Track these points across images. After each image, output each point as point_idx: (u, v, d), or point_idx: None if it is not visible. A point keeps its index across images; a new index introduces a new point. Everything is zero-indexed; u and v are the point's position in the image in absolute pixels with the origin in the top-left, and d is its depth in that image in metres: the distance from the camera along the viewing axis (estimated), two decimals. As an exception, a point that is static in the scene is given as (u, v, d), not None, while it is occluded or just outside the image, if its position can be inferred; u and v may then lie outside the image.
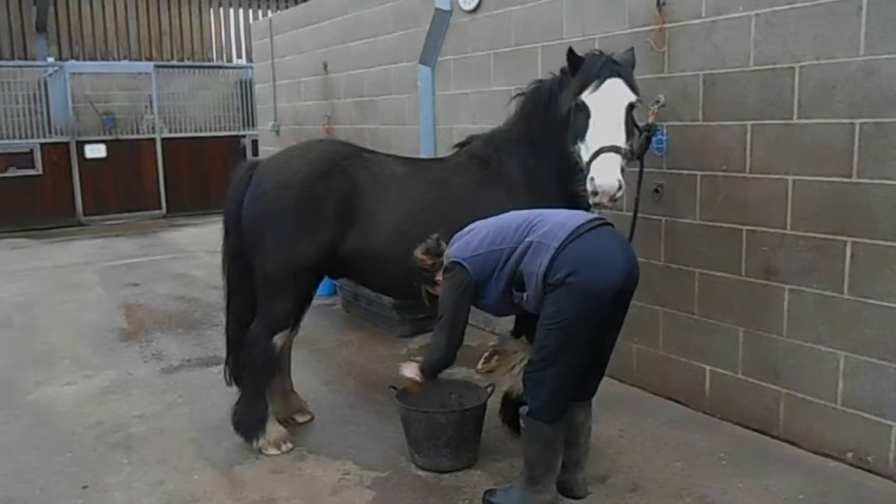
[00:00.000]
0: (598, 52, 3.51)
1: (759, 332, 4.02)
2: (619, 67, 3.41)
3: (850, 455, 3.68)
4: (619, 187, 3.24)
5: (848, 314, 3.62)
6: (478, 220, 3.60)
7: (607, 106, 3.32)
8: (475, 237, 3.32)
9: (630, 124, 3.40)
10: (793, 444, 3.89)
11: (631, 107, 3.38)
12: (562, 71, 3.61)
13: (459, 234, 3.42)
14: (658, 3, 4.25)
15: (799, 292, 3.81)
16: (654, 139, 4.23)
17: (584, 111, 3.34)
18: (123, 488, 3.65)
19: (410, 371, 3.46)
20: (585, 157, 3.33)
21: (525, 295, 3.18)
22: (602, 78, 3.33)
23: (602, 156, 3.25)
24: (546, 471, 3.26)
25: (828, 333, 3.72)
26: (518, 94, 3.79)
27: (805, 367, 3.83)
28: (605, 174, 3.23)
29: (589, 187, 3.26)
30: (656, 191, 4.38)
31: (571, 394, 3.24)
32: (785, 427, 3.94)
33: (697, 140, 4.17)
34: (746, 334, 4.08)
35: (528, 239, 3.15)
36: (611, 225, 3.23)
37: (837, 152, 3.59)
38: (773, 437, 3.98)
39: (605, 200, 3.28)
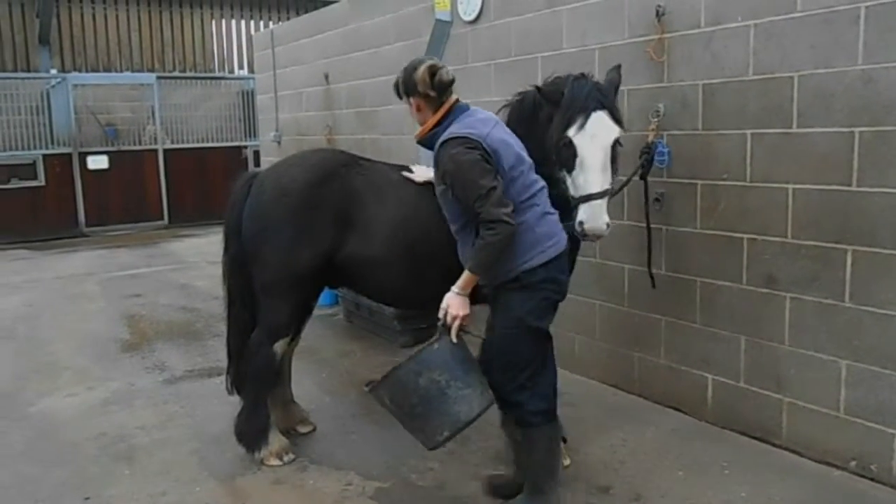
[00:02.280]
0: (580, 77, 3.41)
1: (760, 340, 4.02)
2: (603, 97, 3.35)
3: (853, 464, 3.67)
4: (607, 227, 3.30)
5: (849, 322, 3.62)
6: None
7: (594, 146, 3.29)
8: (489, 132, 3.10)
9: (615, 157, 3.39)
10: (795, 452, 3.89)
11: (616, 141, 3.36)
12: (537, 88, 3.54)
13: (484, 116, 3.22)
14: (657, 13, 4.27)
15: (800, 301, 3.81)
16: (655, 154, 4.25)
17: (570, 148, 3.30)
18: (125, 500, 3.65)
19: (457, 306, 3.06)
20: (573, 192, 3.34)
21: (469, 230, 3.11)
22: (587, 112, 3.28)
23: (593, 202, 3.27)
24: (548, 477, 3.24)
25: (829, 342, 3.72)
26: (504, 106, 3.80)
27: (807, 375, 3.82)
28: (595, 220, 3.28)
29: (578, 229, 3.30)
30: (657, 200, 4.39)
31: (556, 391, 3.27)
32: (787, 436, 3.94)
33: (697, 149, 4.19)
34: (748, 343, 4.08)
35: (520, 217, 3.01)
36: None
37: (837, 161, 3.60)
38: (775, 445, 3.98)
39: (594, 241, 3.41)
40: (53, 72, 14.12)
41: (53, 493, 3.74)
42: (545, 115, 3.49)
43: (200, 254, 10.38)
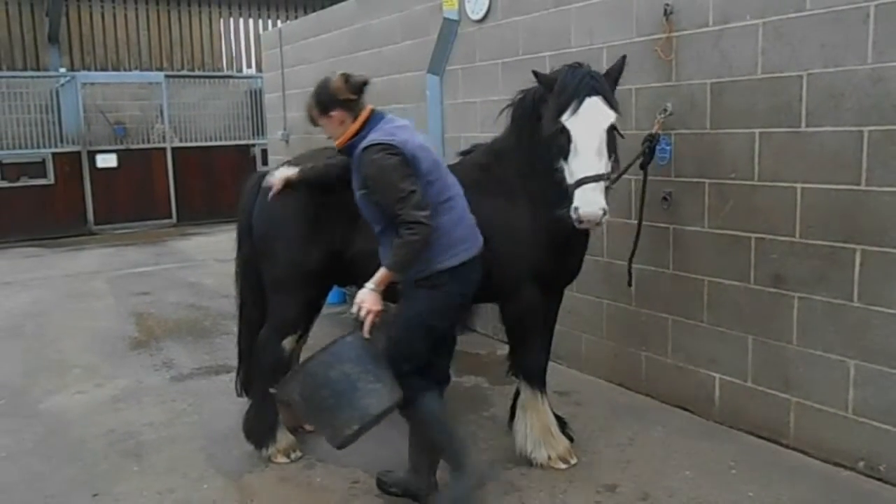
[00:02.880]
0: (575, 65, 3.45)
1: (768, 340, 4.01)
2: (597, 83, 3.35)
3: (861, 464, 3.66)
4: (604, 213, 3.28)
5: (858, 322, 3.61)
6: (480, 225, 3.65)
7: (588, 130, 3.29)
8: (409, 139, 3.22)
9: (612, 143, 3.39)
10: (803, 452, 3.88)
11: (612, 127, 3.36)
12: (535, 73, 3.58)
13: (401, 123, 3.35)
14: (665, 12, 4.26)
15: (808, 300, 3.80)
16: (657, 149, 4.24)
17: (564, 134, 3.31)
18: (134, 496, 3.67)
19: (371, 301, 3.12)
20: (569, 180, 3.34)
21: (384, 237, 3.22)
22: (580, 97, 3.29)
23: (585, 186, 3.26)
24: (457, 444, 3.37)
25: (838, 341, 3.70)
26: (508, 105, 3.81)
27: (815, 375, 3.81)
28: (589, 205, 3.25)
29: (573, 215, 3.29)
30: (664, 199, 4.38)
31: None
32: (795, 435, 3.93)
33: (705, 148, 4.18)
34: (756, 342, 4.07)
35: (437, 220, 3.12)
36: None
37: (846, 160, 3.58)
38: (783, 445, 3.97)
39: (590, 227, 3.36)
40: (63, 70, 14.20)
41: (62, 489, 3.76)
42: (545, 110, 3.49)
43: (208, 252, 10.42)
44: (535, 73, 3.51)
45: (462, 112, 6.12)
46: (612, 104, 3.36)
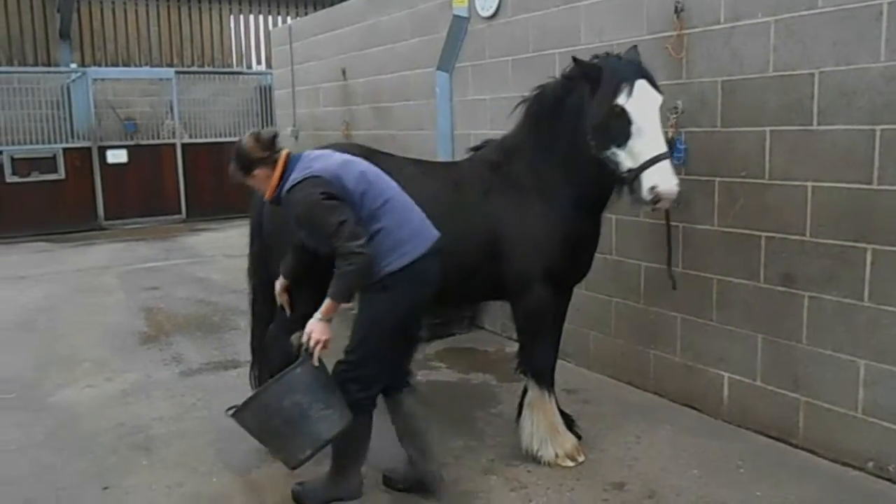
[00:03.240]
0: (607, 55, 3.49)
1: (778, 339, 3.99)
2: (641, 67, 3.39)
3: (870, 464, 3.64)
4: (678, 188, 3.27)
5: (868, 322, 3.59)
6: (487, 225, 3.65)
7: (646, 110, 3.29)
8: (331, 164, 3.28)
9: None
10: (812, 452, 3.86)
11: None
12: (564, 76, 3.58)
13: (304, 154, 3.39)
14: (676, 10, 4.24)
15: (818, 299, 3.78)
16: (673, 151, 4.22)
17: (623, 117, 3.28)
18: (143, 490, 3.69)
19: (320, 331, 3.19)
20: (631, 164, 3.30)
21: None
22: (631, 80, 3.30)
23: (660, 163, 3.24)
24: (356, 458, 3.43)
25: (848, 341, 3.69)
26: (523, 101, 3.80)
27: (825, 374, 3.80)
28: (668, 181, 3.24)
29: (648, 195, 3.25)
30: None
31: (380, 388, 3.41)
32: (804, 435, 3.91)
33: (716, 146, 4.16)
34: (765, 341, 4.06)
35: (382, 224, 3.20)
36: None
37: (858, 159, 3.56)
38: (791, 445, 3.95)
39: (667, 206, 3.33)
40: (73, 66, 14.26)
41: (72, 482, 3.79)
42: (574, 101, 3.49)
43: (217, 247, 10.45)
44: (576, 60, 3.45)
45: (472, 109, 6.12)
46: (657, 87, 3.38)
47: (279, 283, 3.72)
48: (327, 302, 3.20)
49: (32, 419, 4.58)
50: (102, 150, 12.47)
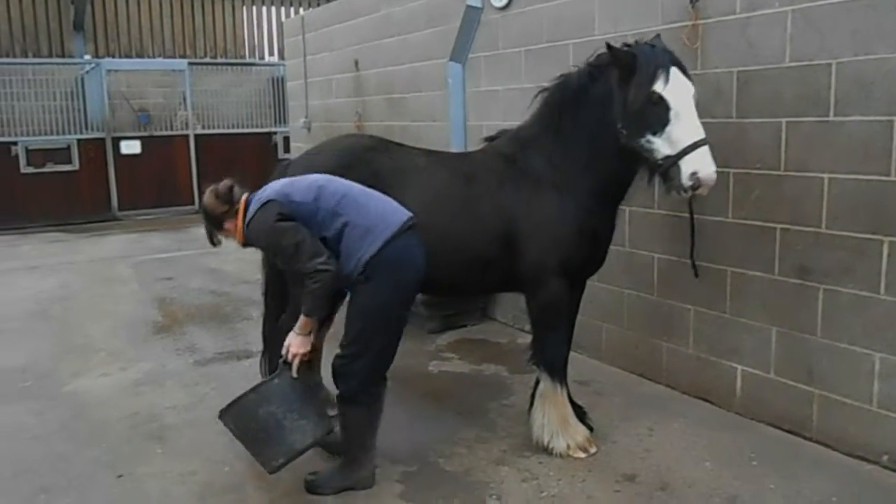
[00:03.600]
0: (636, 42, 3.46)
1: (792, 331, 3.97)
2: (673, 56, 3.37)
3: (885, 458, 3.62)
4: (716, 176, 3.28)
5: (884, 314, 3.56)
6: (501, 217, 3.63)
7: (684, 97, 3.28)
8: (284, 186, 3.40)
9: None
10: (826, 445, 3.84)
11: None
12: (590, 64, 3.56)
13: (267, 186, 3.51)
14: (691, 0, 4.21)
15: (834, 292, 3.75)
16: None
17: (661, 104, 3.26)
18: (157, 478, 3.72)
19: (297, 344, 3.30)
20: (668, 150, 3.28)
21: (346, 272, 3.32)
22: (667, 67, 3.28)
23: (700, 149, 3.23)
24: (363, 449, 3.48)
25: (863, 334, 3.66)
26: (542, 90, 3.77)
27: (839, 367, 3.77)
28: (708, 166, 3.24)
29: (689, 182, 3.23)
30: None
31: (385, 376, 3.48)
32: (818, 428, 3.89)
33: (731, 137, 4.12)
34: (779, 334, 4.03)
35: (346, 213, 3.28)
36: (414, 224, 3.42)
37: (875, 150, 3.53)
38: (805, 438, 3.93)
39: (705, 192, 3.32)
40: (87, 57, 14.33)
41: (87, 469, 3.82)
42: (600, 89, 3.46)
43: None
44: (609, 47, 3.41)
45: (485, 100, 6.09)
46: (689, 76, 3.36)
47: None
48: (302, 318, 3.30)
49: (47, 407, 4.63)
50: (116, 141, 12.53)
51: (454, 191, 3.83)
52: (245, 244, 3.52)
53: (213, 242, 3.66)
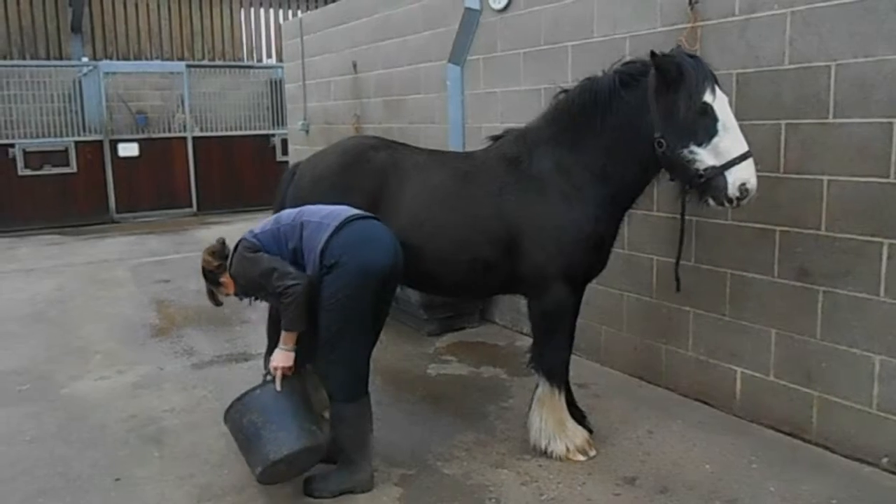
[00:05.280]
0: (673, 51, 3.44)
1: (791, 334, 3.96)
2: (708, 66, 3.36)
3: (885, 460, 3.61)
4: None
5: (884, 317, 3.56)
6: (503, 220, 3.64)
7: (728, 109, 3.30)
8: (263, 223, 3.63)
9: None
10: (825, 448, 3.84)
11: None
12: (621, 71, 3.50)
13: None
14: (690, 2, 4.21)
15: (833, 294, 3.75)
16: None
17: (710, 115, 3.26)
18: (155, 481, 3.70)
19: (280, 359, 3.42)
20: (713, 161, 3.26)
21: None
22: (711, 79, 3.29)
23: (747, 160, 3.25)
24: (357, 449, 3.49)
25: (863, 336, 3.65)
26: (562, 92, 3.73)
27: (839, 370, 3.77)
28: (754, 176, 3.26)
29: (736, 192, 3.24)
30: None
31: (367, 370, 3.51)
32: (818, 431, 3.89)
33: (730, 139, 4.12)
34: (779, 336, 4.03)
35: (303, 219, 3.48)
36: (376, 219, 3.55)
37: (874, 152, 3.52)
38: (805, 440, 3.93)
39: (745, 202, 3.32)
40: (85, 60, 14.29)
41: (85, 473, 3.80)
42: (633, 96, 3.42)
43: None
44: (653, 54, 3.36)
45: (483, 102, 6.09)
46: (722, 87, 3.37)
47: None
48: (284, 333, 3.41)
49: (45, 410, 4.61)
50: (114, 144, 12.51)
51: (453, 189, 3.82)
52: (237, 293, 3.65)
53: (216, 302, 3.81)
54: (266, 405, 3.39)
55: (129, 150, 12.61)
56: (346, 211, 3.49)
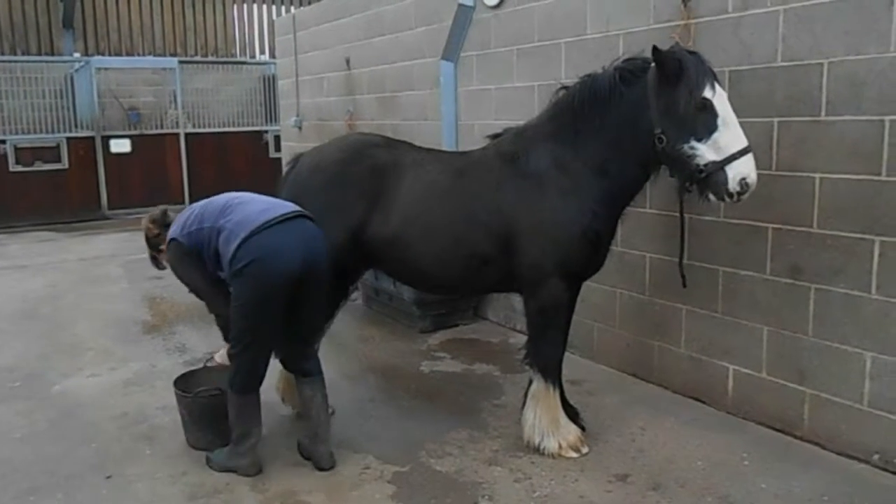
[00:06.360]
0: (673, 48, 3.44)
1: (783, 331, 3.97)
2: (709, 63, 3.37)
3: (876, 457, 3.63)
4: None
5: (875, 314, 3.57)
6: (500, 217, 3.63)
7: (727, 105, 3.30)
8: (189, 215, 3.73)
9: None
10: (817, 445, 3.85)
11: None
12: (621, 68, 3.50)
13: (180, 213, 3.83)
14: (683, -1, 4.21)
15: (825, 291, 3.76)
16: None
17: (709, 110, 3.27)
18: (146, 479, 3.69)
19: (221, 357, 3.78)
20: (713, 157, 3.27)
21: (224, 276, 3.61)
22: (710, 76, 3.30)
23: (747, 156, 3.26)
24: (243, 435, 3.65)
25: (854, 333, 3.67)
26: (562, 88, 3.73)
27: (831, 367, 3.78)
28: (754, 171, 3.27)
29: (737, 187, 3.25)
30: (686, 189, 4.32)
31: (264, 370, 3.64)
32: (809, 428, 3.90)
33: (723, 137, 4.12)
34: (771, 333, 4.04)
35: (222, 222, 3.56)
36: (309, 218, 3.60)
37: (866, 150, 3.53)
38: (796, 437, 3.94)
39: (745, 197, 3.32)
40: (77, 55, 14.23)
41: (76, 470, 3.79)
42: (634, 92, 3.42)
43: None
44: (655, 49, 3.35)
45: (476, 99, 6.08)
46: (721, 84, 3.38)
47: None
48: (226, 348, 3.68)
49: (36, 408, 4.59)
50: (106, 140, 12.45)
51: (448, 186, 3.83)
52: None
53: (158, 267, 4.01)
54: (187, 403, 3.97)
55: (121, 146, 12.55)
56: (266, 213, 3.50)
